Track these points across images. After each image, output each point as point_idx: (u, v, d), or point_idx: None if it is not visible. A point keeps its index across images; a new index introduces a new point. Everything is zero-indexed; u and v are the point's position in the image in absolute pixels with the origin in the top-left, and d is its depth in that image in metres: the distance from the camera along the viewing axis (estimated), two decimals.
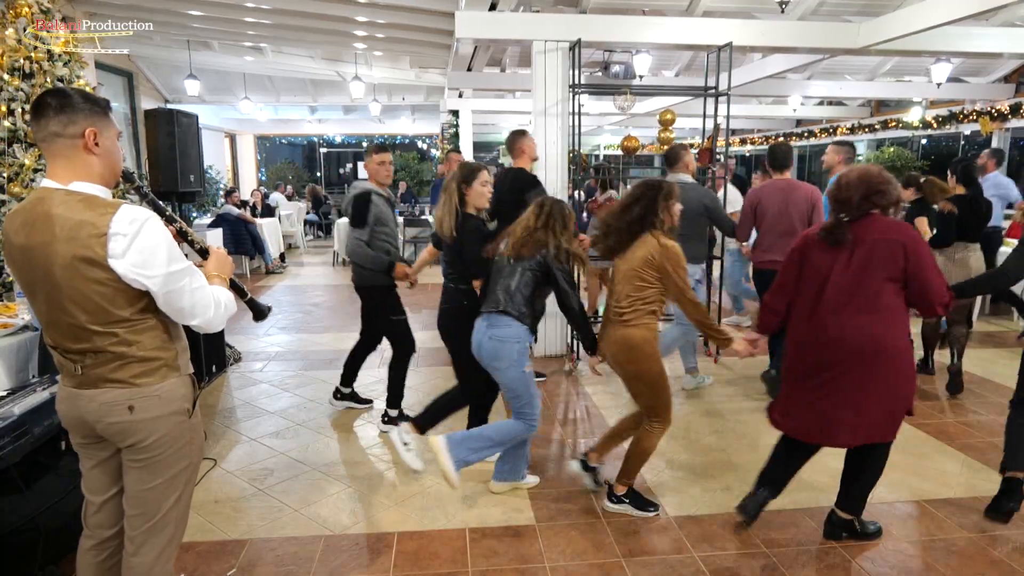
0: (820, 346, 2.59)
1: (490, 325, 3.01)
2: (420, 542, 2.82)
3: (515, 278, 2.99)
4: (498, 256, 3.09)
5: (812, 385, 2.64)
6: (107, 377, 1.72)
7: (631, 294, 2.85)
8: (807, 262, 2.67)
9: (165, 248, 1.67)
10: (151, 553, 1.84)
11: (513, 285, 2.99)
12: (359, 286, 3.93)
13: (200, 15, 7.69)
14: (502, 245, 3.09)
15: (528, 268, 2.97)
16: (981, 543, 2.82)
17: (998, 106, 9.21)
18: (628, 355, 2.87)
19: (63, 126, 1.66)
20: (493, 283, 3.06)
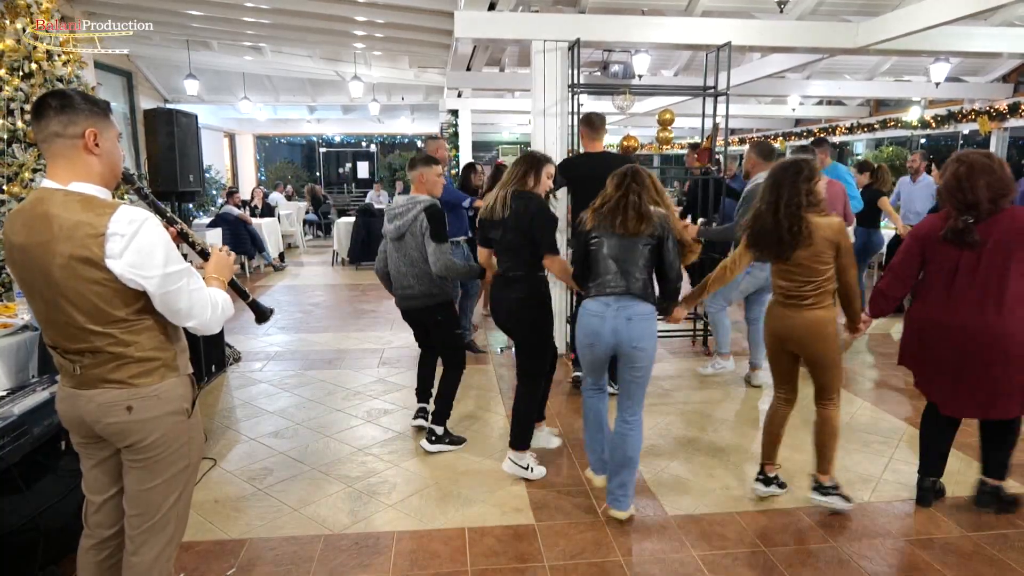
0: (960, 334, 2.74)
1: (622, 307, 2.83)
2: (419, 542, 2.82)
3: (634, 256, 2.86)
4: (595, 237, 2.92)
5: (956, 370, 2.80)
6: (105, 377, 1.72)
7: (813, 278, 2.87)
8: (930, 256, 2.81)
9: (162, 249, 1.67)
10: (151, 552, 1.84)
11: (635, 263, 2.86)
12: (422, 307, 3.65)
13: (199, 15, 7.69)
14: (592, 224, 2.93)
15: (645, 243, 2.86)
16: (980, 542, 2.83)
17: (997, 105, 9.22)
18: (817, 337, 2.88)
19: (64, 126, 1.66)
20: (600, 265, 2.90)
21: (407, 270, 3.57)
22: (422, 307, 3.65)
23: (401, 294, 3.67)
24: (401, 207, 3.58)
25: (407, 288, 3.61)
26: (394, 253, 3.63)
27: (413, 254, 3.53)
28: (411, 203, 3.53)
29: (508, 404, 4.46)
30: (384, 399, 4.60)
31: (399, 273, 3.62)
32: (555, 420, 4.19)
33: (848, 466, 3.45)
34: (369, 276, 9.28)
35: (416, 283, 3.57)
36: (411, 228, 3.50)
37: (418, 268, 3.54)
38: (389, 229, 3.62)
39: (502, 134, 19.70)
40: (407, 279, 3.59)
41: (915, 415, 4.24)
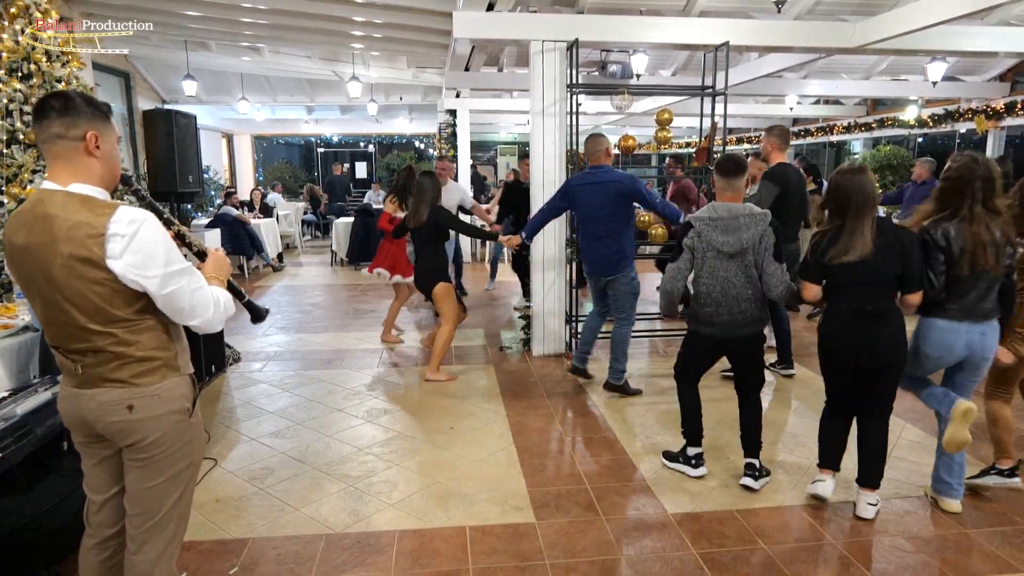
0: None
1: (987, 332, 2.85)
2: (421, 540, 2.83)
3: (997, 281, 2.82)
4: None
5: None
6: (107, 377, 1.73)
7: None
8: None
9: (163, 249, 1.68)
10: (153, 552, 1.85)
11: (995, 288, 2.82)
12: (751, 336, 3.21)
13: (197, 15, 7.68)
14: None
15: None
16: (977, 538, 2.85)
17: (993, 104, 9.25)
18: None
19: (65, 128, 1.67)
20: (979, 291, 2.80)
21: (741, 292, 3.13)
22: (752, 335, 3.23)
23: (728, 321, 3.16)
24: (745, 219, 3.11)
25: (740, 314, 3.15)
26: (725, 273, 3.14)
27: (753, 272, 3.12)
28: (753, 217, 3.10)
29: (508, 403, 4.47)
30: (384, 398, 4.61)
31: (729, 297, 3.13)
32: (553, 418, 4.21)
33: (846, 464, 3.45)
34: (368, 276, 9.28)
35: (751, 307, 3.15)
36: (753, 245, 3.08)
37: (756, 289, 3.14)
38: (725, 243, 3.11)
39: (500, 134, 19.69)
40: (739, 304, 3.13)
41: (913, 414, 4.26)
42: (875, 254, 2.73)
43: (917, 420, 4.14)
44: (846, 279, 2.81)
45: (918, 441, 3.86)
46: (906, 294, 2.81)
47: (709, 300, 3.16)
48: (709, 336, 3.24)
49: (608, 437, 3.94)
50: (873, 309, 2.79)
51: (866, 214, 2.76)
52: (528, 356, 5.62)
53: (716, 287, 3.14)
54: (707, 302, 3.17)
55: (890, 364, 2.86)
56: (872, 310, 2.79)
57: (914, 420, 4.15)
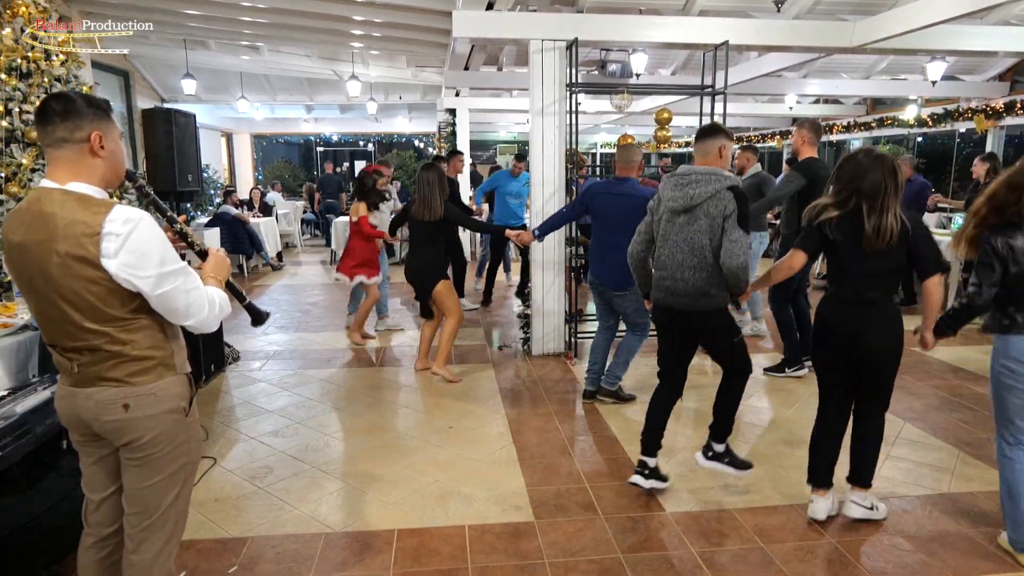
0: None
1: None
2: (420, 539, 2.84)
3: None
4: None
5: None
6: (102, 375, 1.73)
7: None
8: None
9: (157, 249, 1.67)
10: (151, 551, 1.85)
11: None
12: (702, 311, 2.98)
13: (197, 14, 7.68)
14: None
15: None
16: (976, 538, 2.85)
17: (993, 104, 9.24)
18: None
19: (70, 132, 1.67)
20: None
21: (685, 259, 2.95)
22: (702, 310, 2.99)
23: (680, 288, 2.99)
24: (698, 176, 2.93)
25: (682, 281, 2.97)
26: (675, 236, 2.97)
27: (702, 240, 2.91)
28: (711, 175, 2.91)
29: (507, 402, 4.47)
30: (383, 398, 4.61)
31: (674, 262, 2.98)
32: (552, 417, 4.21)
33: (844, 462, 3.46)
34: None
35: (693, 277, 2.95)
36: (705, 206, 2.89)
37: (702, 259, 2.93)
38: (673, 198, 2.94)
39: (500, 133, 19.69)
40: (683, 271, 2.96)
41: (911, 413, 4.27)
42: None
43: (916, 419, 4.15)
44: (848, 263, 2.71)
45: (917, 440, 3.86)
46: (923, 280, 2.66)
47: (658, 263, 3.08)
48: (665, 306, 3.07)
49: (607, 436, 3.94)
50: (870, 297, 2.70)
51: (858, 199, 2.62)
52: (527, 355, 5.62)
53: (665, 250, 3.02)
54: (659, 266, 3.08)
55: (883, 353, 2.75)
56: (869, 298, 2.70)
57: (912, 419, 4.15)
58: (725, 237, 2.86)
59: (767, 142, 15.35)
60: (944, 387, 4.75)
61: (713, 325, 3.03)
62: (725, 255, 2.85)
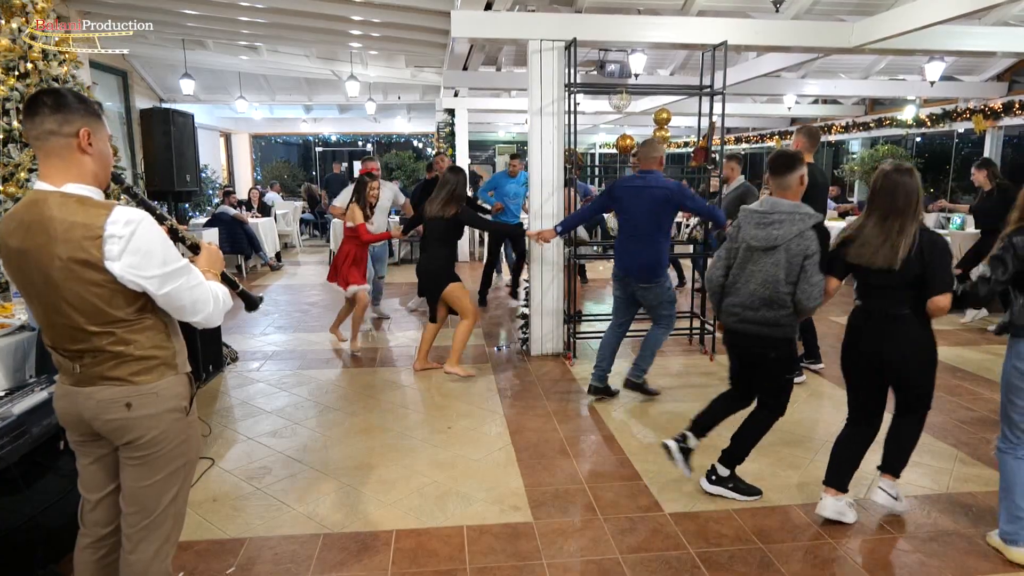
0: None
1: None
2: (418, 540, 2.83)
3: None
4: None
5: None
6: (105, 375, 1.73)
7: None
8: None
9: (160, 248, 1.67)
10: (148, 551, 1.84)
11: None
12: (766, 338, 3.01)
13: (195, 14, 7.68)
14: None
15: None
16: (974, 538, 2.85)
17: (991, 104, 9.26)
18: None
19: (59, 124, 1.66)
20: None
21: (756, 289, 2.99)
22: (766, 337, 3.02)
23: (748, 316, 3.03)
24: (781, 215, 2.94)
25: (752, 310, 3.02)
26: (752, 267, 3.01)
27: (777, 274, 2.93)
28: (795, 214, 2.92)
29: (506, 403, 4.47)
30: (382, 398, 4.60)
31: (747, 291, 3.02)
32: (551, 417, 4.21)
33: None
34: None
35: (763, 308, 2.98)
36: (787, 244, 2.91)
37: (774, 291, 2.95)
38: (755, 237, 2.98)
39: (498, 133, 19.69)
40: (758, 303, 2.99)
41: None
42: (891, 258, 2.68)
43: None
44: (866, 278, 2.81)
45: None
46: (930, 297, 2.68)
47: (731, 288, 3.10)
48: (734, 330, 3.12)
49: (606, 436, 3.94)
50: (892, 312, 2.75)
51: (890, 218, 2.68)
52: (526, 356, 5.62)
53: (741, 278, 3.04)
54: (730, 289, 3.11)
55: (908, 366, 2.79)
56: (892, 313, 2.75)
57: None
58: (804, 278, 2.88)
59: (766, 142, 15.36)
60: (943, 387, 4.75)
61: (773, 355, 3.05)
62: (803, 295, 2.89)
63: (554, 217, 5.45)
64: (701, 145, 5.60)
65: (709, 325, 5.64)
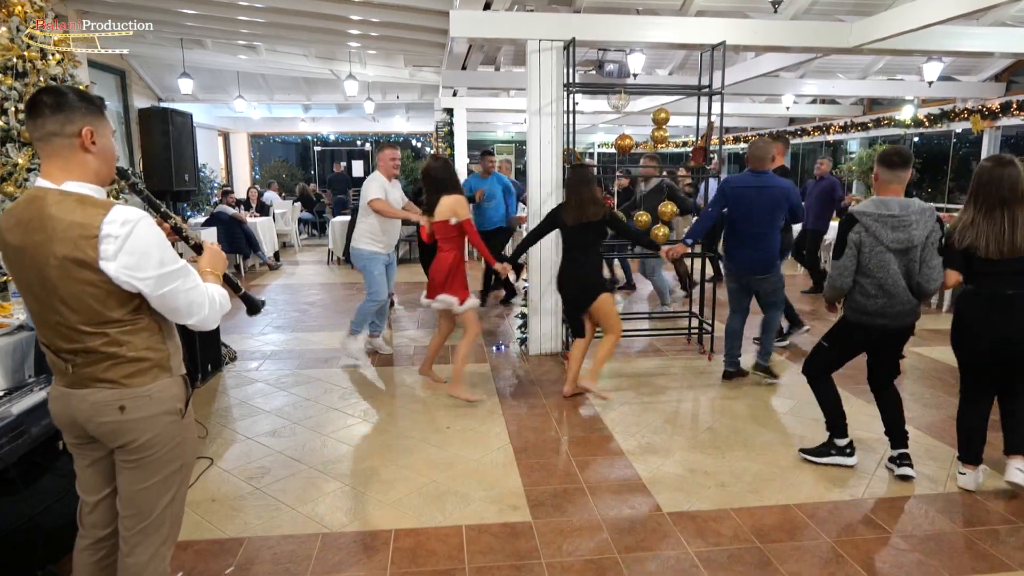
0: None
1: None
2: (417, 539, 2.83)
3: None
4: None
5: None
6: (98, 377, 1.72)
7: None
8: None
9: (157, 249, 1.66)
10: (145, 553, 1.84)
11: None
12: (911, 325, 3.26)
13: (194, 13, 7.67)
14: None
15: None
16: (971, 537, 2.86)
17: (989, 104, 9.28)
18: None
19: (61, 125, 1.65)
20: None
21: (907, 284, 3.13)
22: (911, 324, 3.27)
23: (900, 310, 3.16)
24: (915, 216, 3.06)
25: (907, 303, 3.15)
26: (895, 267, 3.10)
27: (914, 268, 3.10)
28: (923, 212, 3.08)
29: (505, 402, 4.47)
30: (381, 397, 4.60)
31: (899, 288, 3.11)
32: (550, 417, 4.21)
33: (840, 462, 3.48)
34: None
35: (911, 298, 3.16)
36: (922, 242, 3.07)
37: (910, 282, 3.14)
38: (896, 240, 3.06)
39: (497, 133, 19.70)
40: (907, 295, 3.14)
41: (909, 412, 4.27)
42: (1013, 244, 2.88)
43: (913, 419, 4.15)
44: (983, 267, 2.95)
45: (914, 440, 3.86)
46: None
47: (881, 292, 3.12)
48: (879, 327, 3.19)
49: (604, 436, 3.95)
50: (1012, 293, 2.92)
51: (1001, 208, 2.88)
52: (525, 355, 5.62)
53: (888, 280, 3.10)
54: (878, 294, 3.13)
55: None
56: (1011, 294, 2.92)
57: (909, 420, 4.15)
58: (925, 263, 3.07)
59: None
60: (940, 387, 4.77)
61: (910, 334, 3.33)
62: (925, 280, 3.09)
63: None
64: (700, 145, 5.60)
65: (708, 325, 5.65)
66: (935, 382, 4.87)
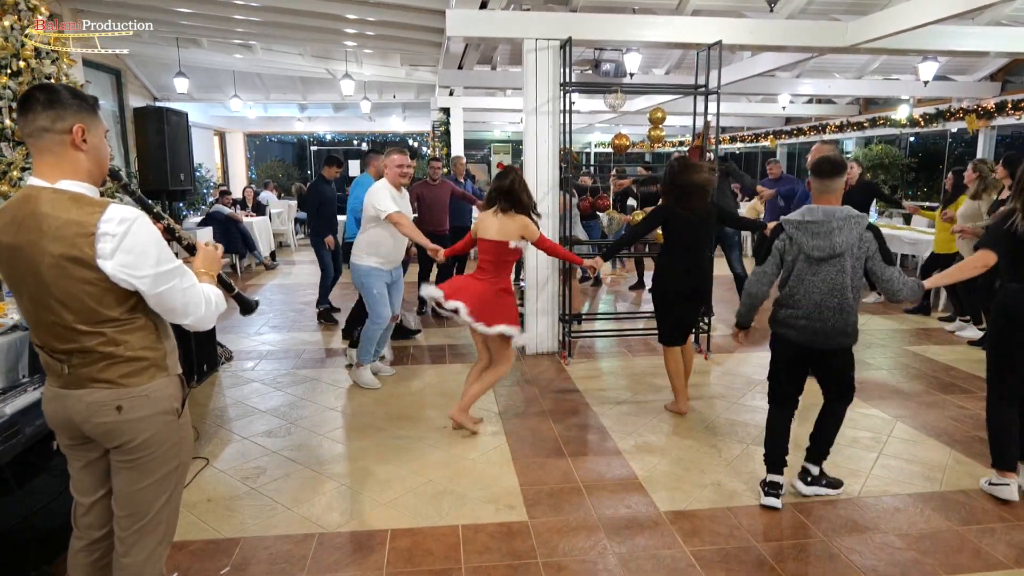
0: None
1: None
2: (413, 539, 2.83)
3: None
4: None
5: None
6: (94, 377, 1.71)
7: None
8: None
9: (154, 248, 1.66)
10: (142, 554, 1.83)
11: None
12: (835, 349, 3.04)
13: (189, 12, 7.65)
14: None
15: None
16: (967, 536, 2.87)
17: (984, 104, 9.31)
18: None
19: (52, 121, 1.64)
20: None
21: (823, 299, 2.95)
22: (836, 348, 3.02)
23: (807, 325, 2.99)
24: (839, 222, 2.90)
25: (820, 322, 2.96)
26: (812, 277, 2.96)
27: (843, 281, 2.93)
28: (849, 219, 2.92)
29: (501, 402, 4.47)
30: (377, 397, 4.60)
31: (811, 303, 2.96)
32: (546, 416, 4.21)
33: (838, 462, 3.48)
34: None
35: (832, 317, 2.96)
36: (851, 250, 2.91)
37: (842, 299, 2.94)
38: (817, 247, 2.92)
39: (494, 132, 19.71)
40: (822, 311, 2.95)
41: (905, 411, 4.29)
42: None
43: (908, 418, 4.17)
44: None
45: (909, 439, 3.88)
46: None
47: (791, 302, 3.02)
48: (791, 340, 3.05)
49: (601, 435, 3.95)
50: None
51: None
52: (521, 355, 5.62)
53: (800, 291, 2.98)
54: (789, 303, 3.03)
55: None
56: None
57: (904, 418, 4.17)
58: (878, 279, 2.97)
59: (760, 141, 15.41)
60: (937, 386, 4.78)
61: (843, 362, 3.08)
62: (889, 294, 3.00)
63: (550, 216, 5.44)
64: (696, 144, 5.61)
65: (704, 325, 5.65)
66: (931, 381, 4.88)
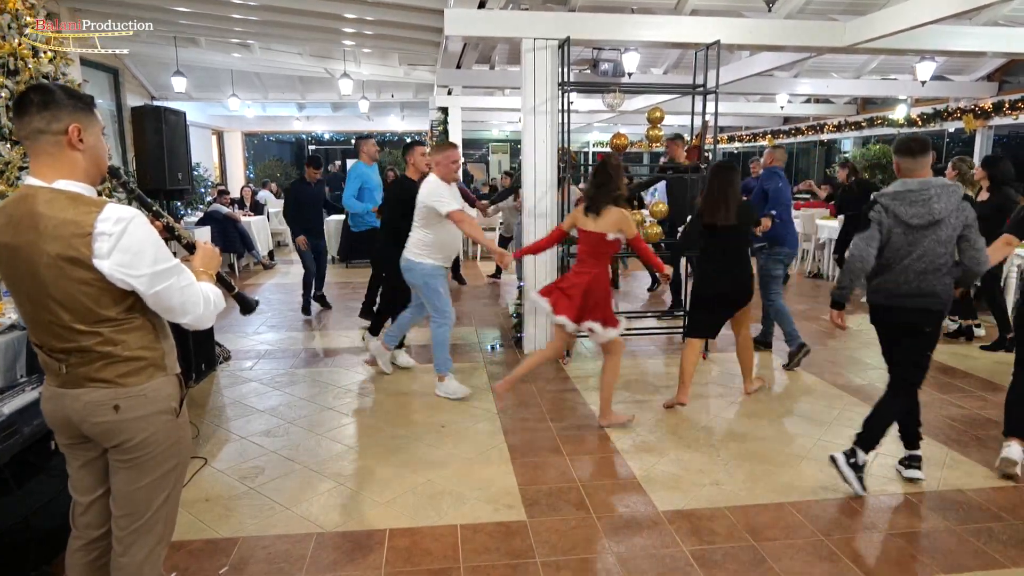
0: None
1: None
2: (412, 539, 2.83)
3: None
4: None
5: None
6: (92, 376, 1.71)
7: None
8: None
9: (151, 247, 1.65)
10: (140, 553, 1.83)
11: None
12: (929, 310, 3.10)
13: (187, 11, 7.64)
14: None
15: None
16: (964, 535, 2.88)
17: (982, 104, 9.32)
18: None
19: (47, 122, 1.64)
20: None
21: (926, 267, 3.04)
22: (930, 309, 3.11)
23: (909, 291, 3.08)
24: (937, 190, 3.00)
25: (923, 284, 3.06)
26: (907, 246, 3.05)
27: (938, 249, 3.03)
28: (946, 187, 3.02)
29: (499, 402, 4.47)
30: (375, 397, 4.60)
31: (915, 271, 3.06)
32: (545, 416, 4.21)
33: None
34: (359, 274, 9.24)
35: (930, 282, 3.06)
36: (949, 218, 2.99)
37: (940, 265, 3.05)
38: (917, 215, 3.00)
39: (492, 132, 19.70)
40: (925, 277, 3.05)
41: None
42: None
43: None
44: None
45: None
46: None
47: (893, 272, 3.10)
48: (892, 307, 3.14)
49: (599, 434, 3.95)
50: None
51: None
52: (519, 354, 5.62)
53: (902, 261, 3.06)
54: (891, 273, 3.10)
55: None
56: None
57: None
58: (969, 245, 3.06)
59: (758, 141, 15.42)
60: (934, 386, 4.78)
61: (933, 322, 3.15)
62: (973, 263, 3.08)
63: (548, 216, 5.44)
64: (694, 144, 5.61)
65: None
66: (929, 381, 4.87)
